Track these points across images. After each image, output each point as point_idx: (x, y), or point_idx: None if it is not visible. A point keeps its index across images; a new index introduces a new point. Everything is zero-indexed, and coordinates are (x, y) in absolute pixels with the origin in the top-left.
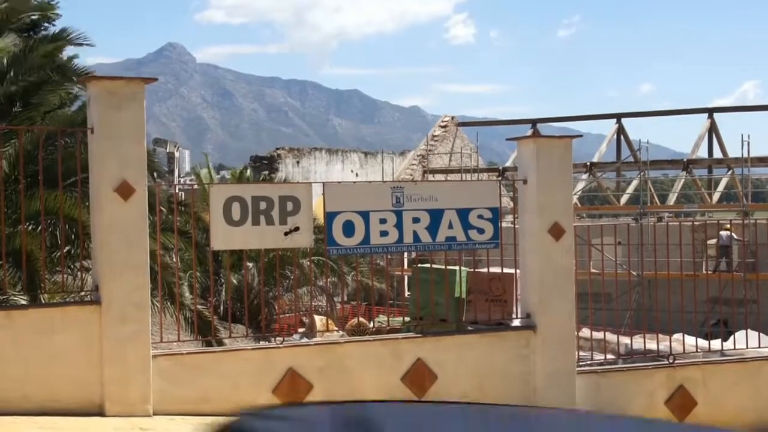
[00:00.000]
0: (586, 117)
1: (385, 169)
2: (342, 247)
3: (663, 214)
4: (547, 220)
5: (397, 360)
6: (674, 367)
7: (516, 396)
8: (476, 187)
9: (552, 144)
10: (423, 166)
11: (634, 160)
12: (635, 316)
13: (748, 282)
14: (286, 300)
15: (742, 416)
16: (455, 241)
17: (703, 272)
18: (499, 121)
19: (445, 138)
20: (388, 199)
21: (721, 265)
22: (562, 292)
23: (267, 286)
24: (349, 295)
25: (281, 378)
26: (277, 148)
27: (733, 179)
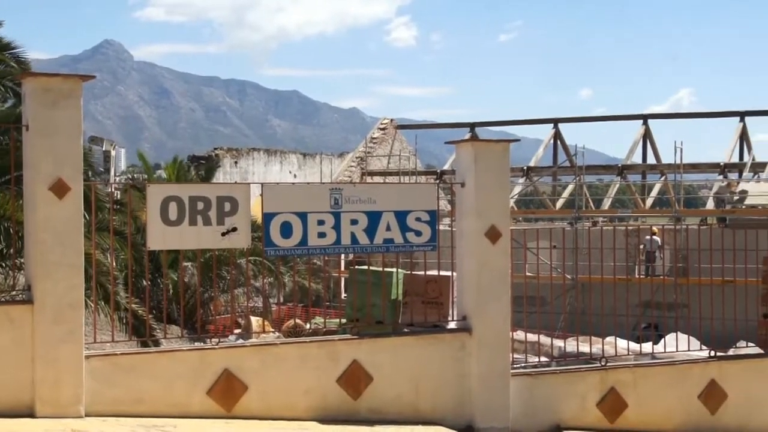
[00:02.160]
0: (524, 121)
1: (324, 170)
2: (279, 248)
3: (597, 218)
4: (484, 223)
5: (333, 362)
6: (606, 369)
7: (451, 397)
8: (414, 189)
9: (490, 148)
10: (362, 168)
11: (570, 164)
12: (569, 319)
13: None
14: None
15: (670, 418)
16: (393, 244)
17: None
18: (438, 124)
19: (384, 140)
20: (327, 200)
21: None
22: (498, 295)
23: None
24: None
25: (216, 379)
26: (215, 148)
27: (666, 185)
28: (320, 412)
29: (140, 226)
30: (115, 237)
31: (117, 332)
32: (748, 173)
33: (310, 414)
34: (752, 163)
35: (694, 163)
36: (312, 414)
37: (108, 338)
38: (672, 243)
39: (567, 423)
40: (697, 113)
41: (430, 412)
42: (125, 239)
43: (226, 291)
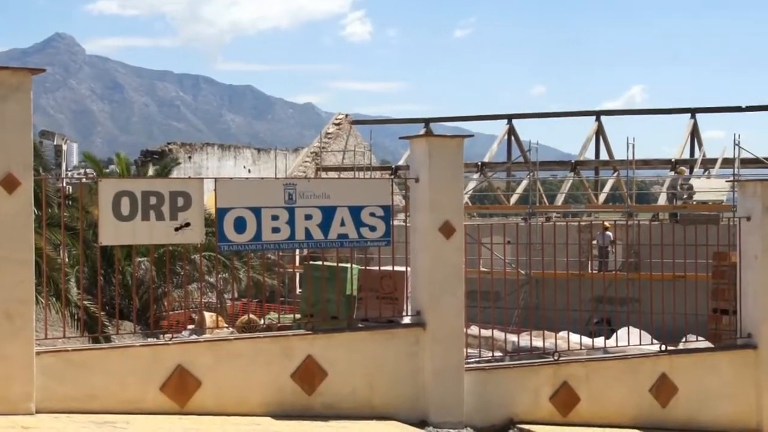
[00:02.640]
0: (478, 117)
1: (279, 165)
2: (233, 244)
3: (551, 214)
4: (438, 219)
5: (287, 357)
6: (559, 364)
7: (405, 392)
8: (369, 184)
9: (444, 143)
10: (316, 164)
11: (524, 160)
12: (523, 314)
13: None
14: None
15: (622, 411)
16: (347, 239)
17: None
18: (393, 120)
19: (338, 135)
20: (281, 195)
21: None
22: (452, 290)
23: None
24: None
25: (170, 375)
26: (169, 143)
27: (618, 181)
28: (274, 408)
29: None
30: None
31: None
32: (699, 169)
33: (264, 409)
34: (703, 159)
35: (646, 159)
36: (266, 409)
37: (59, 334)
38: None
39: (520, 417)
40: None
41: (384, 407)
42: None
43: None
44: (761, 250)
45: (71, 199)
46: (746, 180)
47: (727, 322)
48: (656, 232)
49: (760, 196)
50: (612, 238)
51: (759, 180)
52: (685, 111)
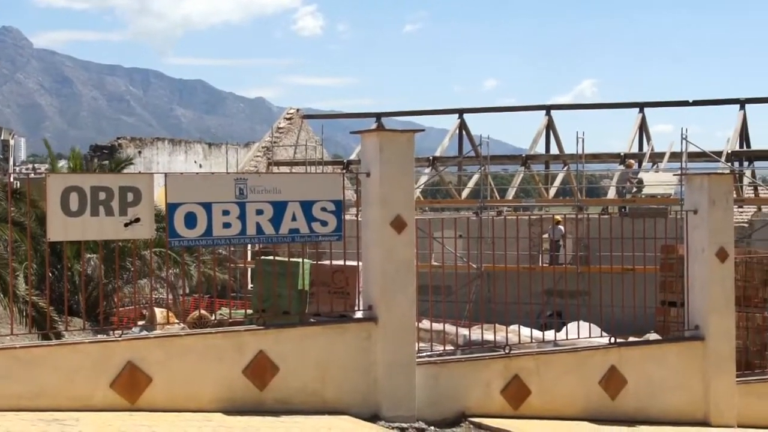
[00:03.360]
0: (429, 112)
1: (230, 160)
2: (183, 239)
3: (502, 208)
4: (389, 213)
5: (238, 352)
6: (510, 357)
7: (357, 387)
8: (320, 179)
9: (395, 138)
10: (268, 158)
11: (476, 154)
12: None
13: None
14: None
15: (572, 404)
16: (298, 234)
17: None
18: (344, 114)
19: (290, 130)
20: (231, 190)
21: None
22: (403, 285)
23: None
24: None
25: (120, 371)
26: (118, 138)
27: (568, 175)
28: (226, 403)
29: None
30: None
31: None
32: (648, 163)
33: (216, 405)
34: (651, 153)
35: (596, 153)
36: (218, 405)
37: (7, 331)
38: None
39: (472, 410)
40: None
41: (336, 401)
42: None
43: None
44: (708, 242)
45: (19, 194)
46: (693, 173)
47: (675, 315)
48: (606, 226)
49: (707, 190)
50: (563, 232)
51: (705, 173)
52: (633, 105)
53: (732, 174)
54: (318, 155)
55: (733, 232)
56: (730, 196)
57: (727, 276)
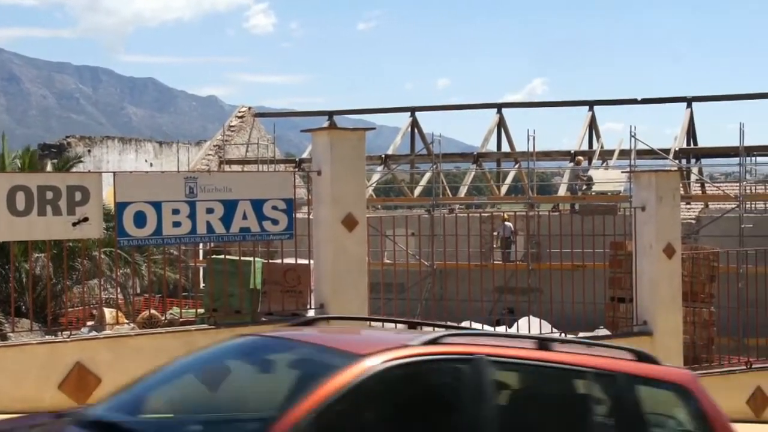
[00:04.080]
0: (382, 110)
1: (181, 159)
2: (133, 238)
3: (454, 205)
4: (340, 211)
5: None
6: None
7: None
8: (271, 178)
9: (346, 136)
10: (219, 157)
11: (428, 152)
12: (427, 305)
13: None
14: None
15: None
16: (249, 232)
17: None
18: (297, 113)
19: (242, 128)
20: (181, 189)
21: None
22: (355, 283)
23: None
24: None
25: (68, 373)
26: (67, 136)
27: (519, 172)
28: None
29: None
30: None
31: None
32: (597, 161)
33: None
34: (601, 151)
35: (547, 150)
36: None
37: None
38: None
39: None
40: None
41: None
42: None
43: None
44: (655, 239)
45: None
46: (641, 171)
47: (624, 310)
48: (557, 223)
49: (654, 187)
50: (513, 229)
51: (653, 171)
52: (583, 103)
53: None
54: (270, 154)
55: (680, 228)
56: (677, 193)
57: (674, 272)
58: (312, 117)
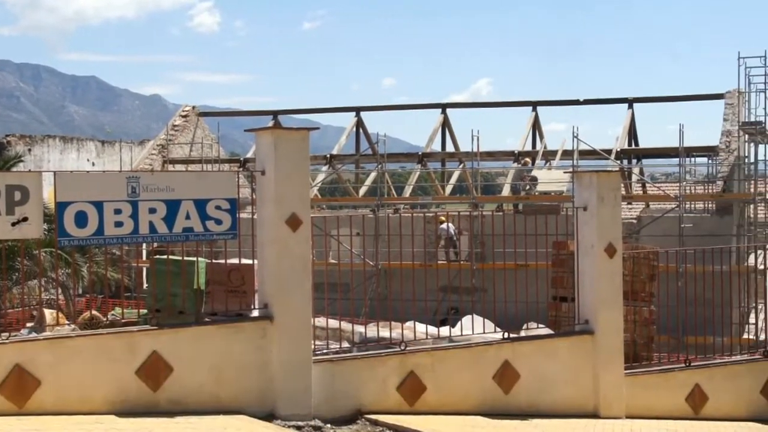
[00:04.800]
0: (327, 110)
1: (124, 158)
2: (74, 238)
3: (399, 205)
4: (284, 211)
5: (131, 353)
6: (405, 353)
7: (253, 386)
8: (214, 177)
9: (289, 136)
10: (163, 156)
11: (372, 152)
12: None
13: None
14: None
15: (467, 399)
16: (193, 232)
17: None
18: (241, 112)
19: (186, 128)
20: (123, 189)
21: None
22: (299, 283)
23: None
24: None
25: (6, 375)
26: (7, 135)
27: (464, 172)
28: (118, 405)
29: None
30: None
31: None
32: (541, 161)
33: (108, 407)
34: (544, 151)
35: (491, 151)
36: (110, 407)
37: None
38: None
39: (368, 407)
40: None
41: (231, 401)
42: None
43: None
44: (597, 238)
45: None
46: (583, 171)
47: (566, 309)
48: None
49: (596, 187)
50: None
51: (595, 171)
52: (527, 104)
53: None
54: (214, 153)
55: (621, 228)
56: (618, 193)
57: (615, 271)
58: (257, 116)
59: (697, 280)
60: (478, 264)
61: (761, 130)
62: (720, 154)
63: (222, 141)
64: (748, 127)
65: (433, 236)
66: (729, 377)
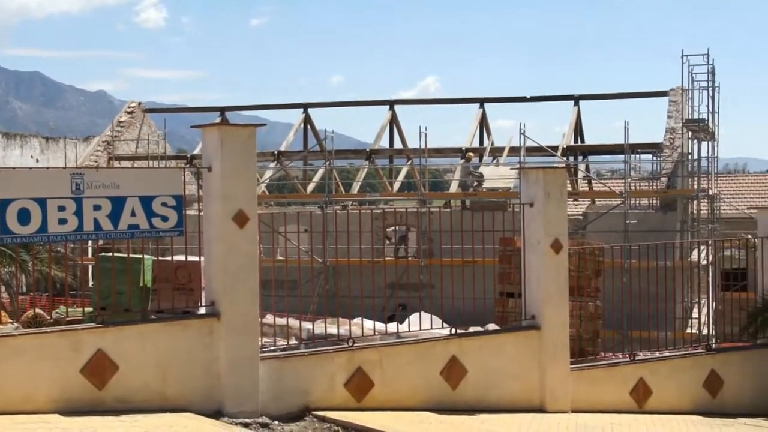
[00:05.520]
0: (274, 106)
1: (68, 155)
2: (17, 236)
3: (347, 202)
4: (231, 208)
5: (75, 351)
6: (353, 350)
7: (199, 384)
8: (160, 174)
9: (236, 132)
10: (109, 153)
11: (320, 149)
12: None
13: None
14: None
15: (414, 395)
16: (138, 229)
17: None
18: (188, 108)
19: (132, 124)
20: (67, 186)
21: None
22: (246, 280)
23: None
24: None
25: None
26: None
27: (412, 169)
28: (63, 404)
29: None
30: None
31: None
32: (488, 158)
33: (53, 406)
34: (491, 148)
35: (439, 147)
36: (54, 406)
37: None
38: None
39: (316, 404)
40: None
41: (178, 399)
42: None
43: None
44: (543, 234)
45: None
46: (530, 168)
47: (513, 305)
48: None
49: (542, 183)
50: None
51: (541, 167)
52: (474, 101)
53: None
54: (161, 150)
55: (566, 224)
56: (564, 190)
57: (561, 267)
58: (204, 113)
59: (641, 276)
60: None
61: (704, 127)
62: (664, 151)
63: (169, 138)
64: (692, 125)
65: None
66: (672, 371)
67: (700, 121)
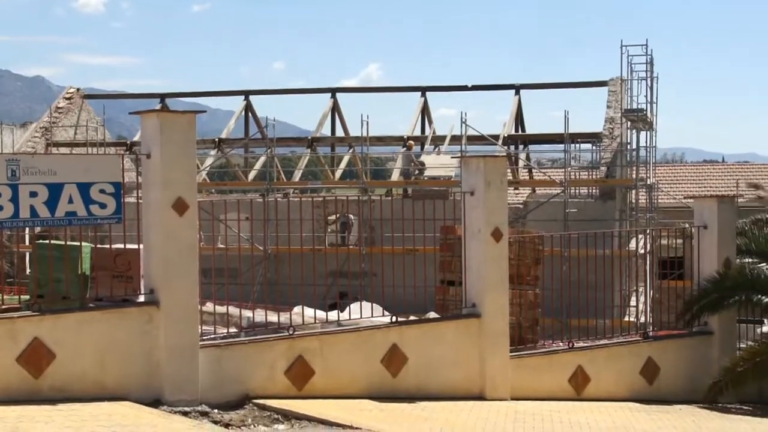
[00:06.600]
0: (215, 93)
1: (5, 141)
2: None
3: (289, 189)
4: (170, 195)
5: (11, 340)
6: (294, 338)
7: (138, 372)
8: (98, 160)
9: (175, 119)
10: (46, 139)
11: (262, 136)
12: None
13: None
14: None
15: (355, 383)
16: (76, 216)
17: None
18: (127, 95)
19: (70, 110)
20: (3, 172)
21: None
22: (186, 267)
23: None
24: None
25: None
26: None
27: (354, 157)
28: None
29: None
30: None
31: None
32: (430, 146)
33: None
34: (433, 137)
35: (380, 136)
36: None
37: None
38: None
39: (256, 392)
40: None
41: (117, 387)
42: None
43: None
44: (484, 223)
45: None
46: (471, 156)
47: (454, 293)
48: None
49: (483, 172)
50: None
51: (482, 156)
52: (416, 89)
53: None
54: (100, 136)
55: (507, 212)
56: (504, 178)
57: (501, 255)
58: (144, 99)
59: (580, 264)
60: (367, 248)
61: (643, 117)
62: (603, 141)
63: (108, 124)
64: (631, 114)
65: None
66: (610, 359)
67: (639, 111)
